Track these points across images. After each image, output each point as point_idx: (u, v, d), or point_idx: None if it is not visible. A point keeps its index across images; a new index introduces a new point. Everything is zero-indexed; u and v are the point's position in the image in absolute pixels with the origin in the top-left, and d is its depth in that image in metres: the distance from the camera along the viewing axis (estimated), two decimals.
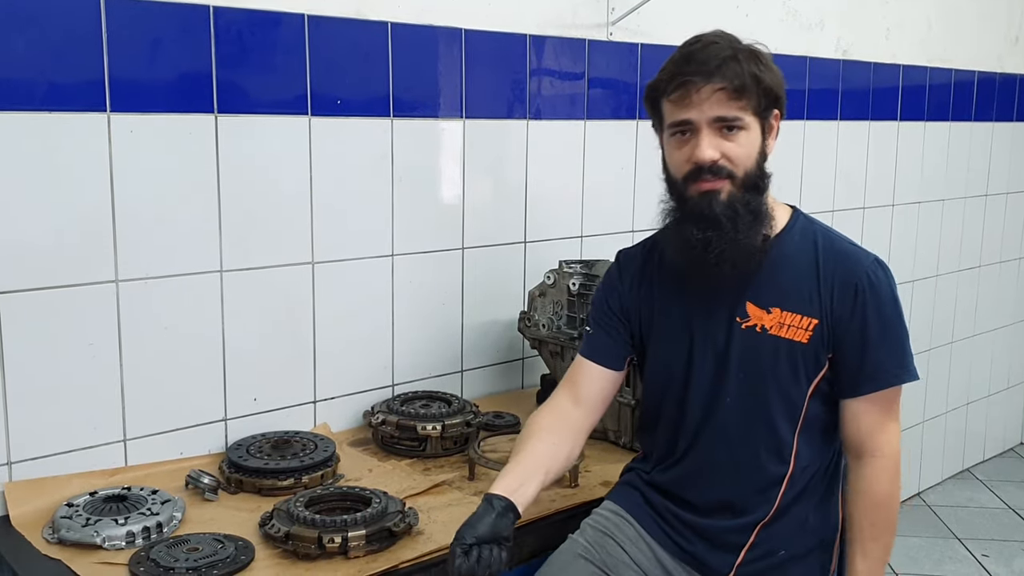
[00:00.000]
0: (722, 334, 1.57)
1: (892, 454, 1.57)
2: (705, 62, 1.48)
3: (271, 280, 1.98)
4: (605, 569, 1.62)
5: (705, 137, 1.49)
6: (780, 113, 1.55)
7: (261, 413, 2.01)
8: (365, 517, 1.59)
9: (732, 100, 1.47)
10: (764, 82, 1.49)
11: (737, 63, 1.47)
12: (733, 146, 1.49)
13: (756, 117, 1.50)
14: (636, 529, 1.65)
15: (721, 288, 1.57)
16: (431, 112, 2.18)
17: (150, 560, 1.50)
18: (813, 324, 1.53)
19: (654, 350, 1.66)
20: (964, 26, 3.69)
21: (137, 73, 1.75)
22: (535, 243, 2.44)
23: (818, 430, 1.60)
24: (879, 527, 1.57)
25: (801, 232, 1.59)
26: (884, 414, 1.56)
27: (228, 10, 1.84)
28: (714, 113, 1.48)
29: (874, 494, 1.57)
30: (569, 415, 1.66)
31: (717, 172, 1.49)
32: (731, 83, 1.46)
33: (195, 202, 1.85)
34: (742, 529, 1.60)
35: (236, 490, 1.80)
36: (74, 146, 1.70)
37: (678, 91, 1.49)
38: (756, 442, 1.58)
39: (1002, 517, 3.76)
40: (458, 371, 2.35)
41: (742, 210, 1.49)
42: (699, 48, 1.50)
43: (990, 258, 4.12)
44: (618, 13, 2.48)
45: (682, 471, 1.64)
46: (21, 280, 1.67)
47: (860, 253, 1.57)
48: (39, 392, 1.71)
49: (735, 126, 1.48)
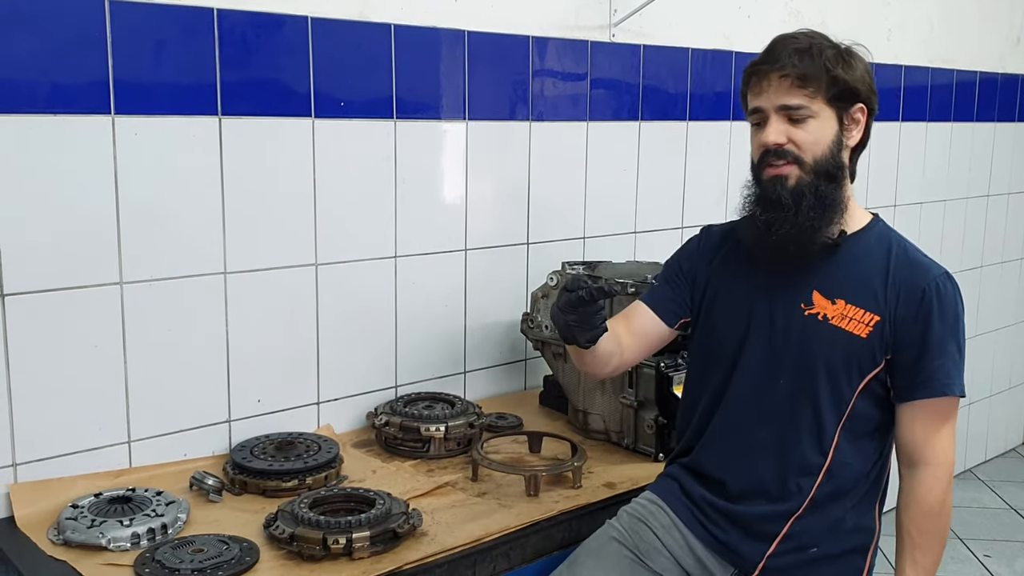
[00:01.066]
0: (783, 317, 1.62)
1: (946, 464, 1.58)
2: (776, 53, 1.57)
3: (275, 282, 1.98)
4: (637, 553, 1.66)
5: (772, 123, 1.57)
6: (867, 109, 1.60)
7: (265, 414, 2.01)
8: (369, 518, 1.59)
9: (796, 88, 1.54)
10: (834, 72, 1.54)
11: (807, 55, 1.55)
12: (800, 132, 1.56)
13: (828, 106, 1.56)
14: (670, 517, 1.69)
15: (790, 274, 1.62)
16: (434, 114, 2.19)
17: (155, 561, 1.50)
18: (875, 320, 1.57)
19: (710, 325, 1.72)
20: (966, 27, 3.69)
21: (141, 76, 1.75)
22: (538, 244, 2.44)
23: (863, 430, 1.61)
24: (930, 537, 1.59)
25: (877, 236, 1.64)
26: (938, 423, 1.58)
27: (232, 12, 1.84)
28: (779, 101, 1.56)
29: (927, 503, 1.58)
30: (619, 335, 1.71)
31: (783, 155, 1.57)
32: (795, 71, 1.54)
33: (199, 204, 1.86)
34: (776, 518, 1.62)
35: (240, 491, 1.81)
36: (79, 149, 1.70)
37: (751, 80, 1.60)
38: (799, 427, 1.61)
39: (1004, 517, 3.76)
40: (461, 372, 2.35)
41: (809, 195, 1.55)
42: (779, 40, 1.60)
43: (992, 259, 4.12)
44: (620, 15, 2.48)
45: (724, 449, 1.68)
46: (26, 282, 1.68)
47: (932, 264, 1.61)
48: (44, 394, 1.72)
49: (801, 114, 1.55)
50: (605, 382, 2.09)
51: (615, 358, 1.72)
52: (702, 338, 1.74)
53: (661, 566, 1.66)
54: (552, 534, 1.75)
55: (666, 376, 1.98)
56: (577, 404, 2.17)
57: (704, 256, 1.76)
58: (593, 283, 1.53)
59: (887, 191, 3.50)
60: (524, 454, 2.04)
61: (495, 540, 1.67)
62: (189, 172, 1.84)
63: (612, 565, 1.65)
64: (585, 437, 2.13)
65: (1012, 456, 4.45)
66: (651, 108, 2.62)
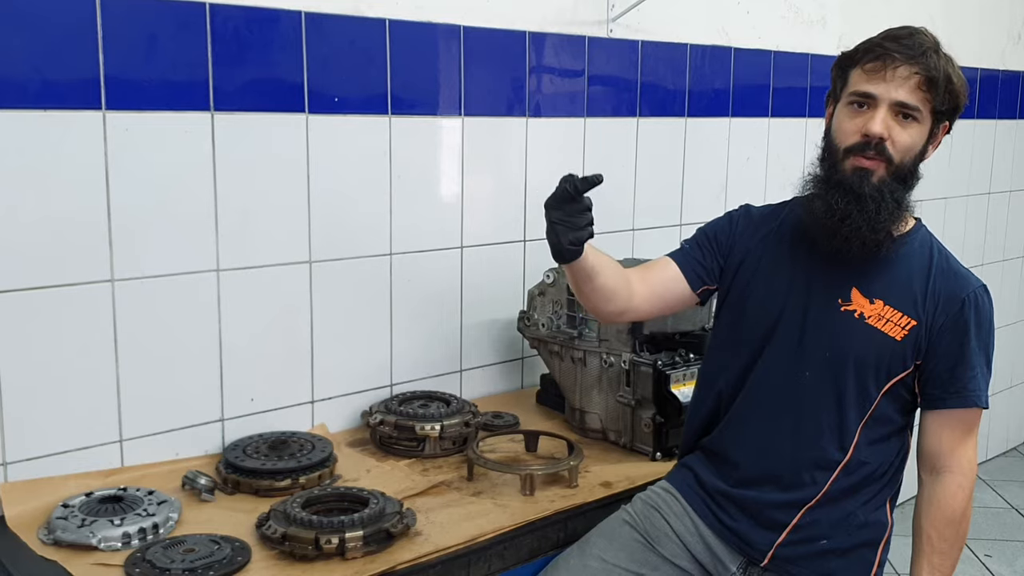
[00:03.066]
0: (818, 310, 1.61)
1: (970, 472, 1.60)
2: (910, 46, 1.52)
3: (268, 279, 1.97)
4: (647, 537, 1.68)
5: (882, 113, 1.52)
6: (949, 127, 1.59)
7: (258, 413, 1.99)
8: (363, 518, 1.58)
9: (920, 89, 1.51)
10: (953, 84, 1.53)
11: (937, 56, 1.53)
12: (903, 133, 1.53)
13: (932, 116, 1.54)
14: (682, 505, 1.71)
15: (832, 268, 1.61)
16: (430, 110, 2.17)
17: (146, 561, 1.49)
18: (911, 325, 1.57)
19: (741, 306, 1.69)
20: (967, 23, 3.67)
21: (133, 71, 1.73)
22: (534, 242, 2.42)
23: (884, 430, 1.62)
24: (949, 543, 1.60)
25: (921, 240, 1.64)
26: (965, 432, 1.60)
27: (224, 7, 1.82)
28: (900, 96, 1.52)
29: (950, 511, 1.59)
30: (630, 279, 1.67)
31: (880, 151, 1.53)
32: (927, 72, 1.50)
33: (191, 201, 1.84)
34: (787, 507, 1.62)
35: (233, 491, 1.79)
36: (69, 144, 1.68)
37: (874, 62, 1.53)
38: (822, 421, 1.61)
39: (1005, 517, 3.75)
40: (457, 371, 2.33)
41: (888, 196, 1.53)
42: (905, 33, 1.56)
43: (993, 256, 4.10)
44: (618, 10, 2.47)
45: (742, 432, 1.68)
46: (16, 279, 1.66)
47: (971, 276, 1.63)
48: (34, 392, 1.70)
49: (912, 115, 1.53)
50: (602, 381, 2.08)
51: (620, 297, 1.64)
52: (731, 318, 1.72)
53: (670, 552, 1.68)
54: (548, 534, 1.73)
55: (664, 375, 1.96)
56: (574, 403, 2.15)
57: (744, 233, 1.72)
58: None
59: None
60: (520, 453, 2.02)
61: (490, 540, 1.65)
62: (181, 168, 1.82)
63: (621, 546, 1.67)
64: (582, 436, 2.11)
65: (1013, 455, 4.44)
66: (649, 104, 2.61)
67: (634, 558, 1.66)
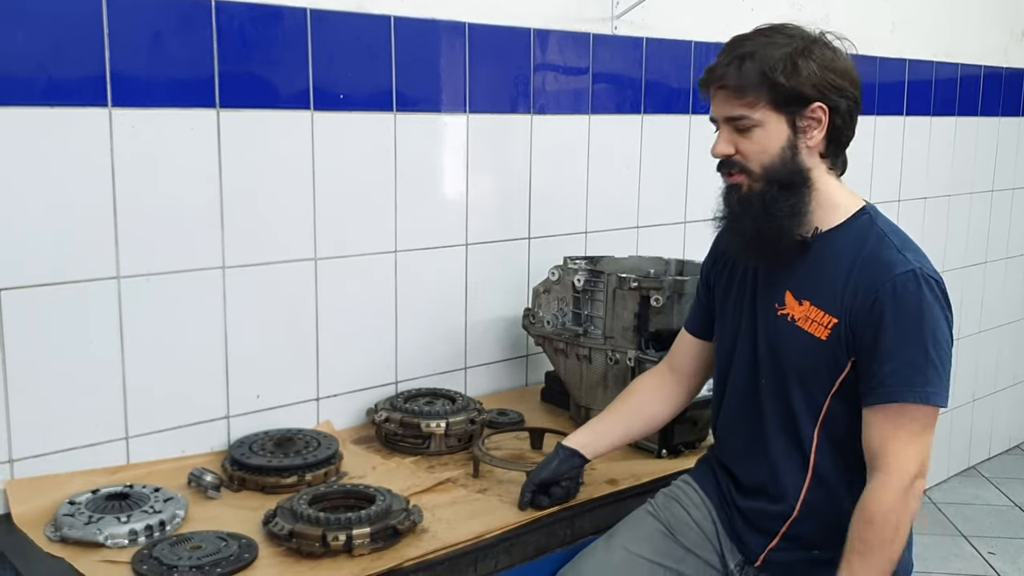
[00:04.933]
0: (762, 318, 1.62)
1: (901, 473, 1.46)
2: (715, 63, 1.55)
3: (274, 276, 1.97)
4: (668, 527, 1.72)
5: (721, 134, 1.57)
6: (828, 106, 1.52)
7: (264, 410, 1.99)
8: (369, 515, 1.58)
9: (735, 99, 1.52)
10: (774, 79, 1.49)
11: (748, 61, 1.50)
12: (745, 142, 1.54)
13: (776, 112, 1.51)
14: (700, 496, 1.74)
15: (769, 275, 1.62)
16: (434, 107, 2.17)
17: (153, 558, 1.48)
18: (833, 323, 1.52)
19: (716, 327, 1.75)
20: (970, 20, 3.67)
21: (139, 68, 1.73)
22: (539, 239, 2.42)
23: (844, 433, 1.55)
24: (869, 546, 1.47)
25: (857, 230, 1.56)
26: (895, 431, 1.47)
27: (230, 4, 1.82)
28: (722, 112, 1.55)
29: (870, 510, 1.47)
30: (663, 380, 1.84)
31: (730, 167, 1.57)
32: (731, 82, 1.52)
33: (197, 198, 1.84)
34: (775, 517, 1.62)
35: (239, 488, 1.79)
36: (75, 142, 1.68)
37: (701, 91, 1.60)
38: (782, 431, 1.60)
39: (1008, 514, 3.75)
40: (462, 368, 2.33)
41: (756, 203, 1.54)
42: (726, 44, 1.57)
43: (996, 254, 4.10)
44: (623, 7, 2.46)
45: (730, 446, 1.72)
46: (22, 276, 1.66)
47: (899, 261, 1.50)
48: (41, 389, 1.70)
49: (744, 124, 1.53)
50: (607, 378, 2.08)
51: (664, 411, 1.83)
52: (715, 337, 1.77)
53: (691, 541, 1.70)
54: (554, 531, 1.73)
55: None
56: (579, 400, 2.15)
57: (713, 262, 1.78)
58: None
59: (891, 186, 3.48)
60: (526, 450, 2.02)
61: (496, 537, 1.65)
62: (187, 165, 1.82)
63: (645, 536, 1.70)
64: None
65: (1016, 453, 4.44)
66: (653, 101, 2.61)
67: (657, 549, 1.68)
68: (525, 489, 1.72)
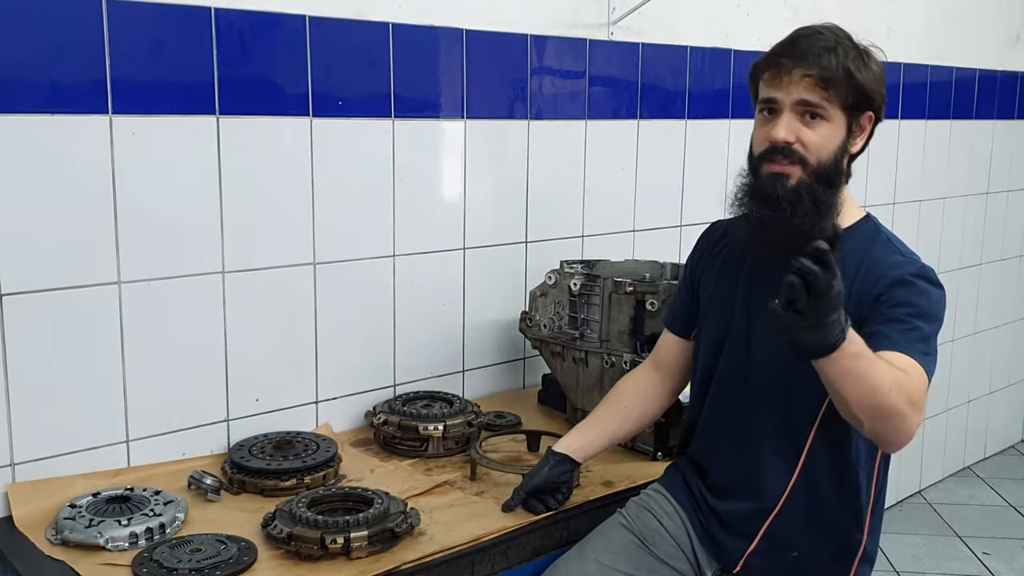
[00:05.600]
0: (758, 317, 1.62)
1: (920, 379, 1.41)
2: (802, 48, 1.53)
3: (273, 281, 1.98)
4: (642, 539, 1.71)
5: (785, 118, 1.53)
6: (875, 117, 1.57)
7: (263, 414, 2.01)
8: (367, 518, 1.59)
9: (819, 88, 1.51)
10: (856, 79, 1.51)
11: (834, 55, 1.51)
12: (811, 133, 1.53)
13: (842, 112, 1.53)
14: (673, 505, 1.74)
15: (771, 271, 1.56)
16: (432, 112, 2.19)
17: (153, 561, 1.50)
18: None
19: (704, 321, 1.74)
20: (965, 24, 3.68)
21: (139, 75, 1.75)
22: (536, 243, 2.44)
23: (841, 432, 1.57)
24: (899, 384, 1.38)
25: (863, 235, 1.60)
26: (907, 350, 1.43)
27: (229, 12, 1.84)
28: (799, 96, 1.52)
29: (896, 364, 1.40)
30: (648, 379, 1.85)
31: (789, 155, 1.53)
32: (820, 72, 1.50)
33: (197, 204, 1.86)
34: (755, 516, 1.62)
35: (238, 491, 1.81)
36: (77, 148, 1.70)
37: (770, 70, 1.55)
38: (772, 425, 1.61)
39: (1003, 515, 3.77)
40: (459, 371, 2.35)
41: (806, 197, 1.52)
42: (803, 35, 1.55)
43: (991, 256, 4.12)
44: (619, 13, 2.48)
45: (709, 442, 1.72)
46: (24, 282, 1.68)
47: (904, 262, 1.55)
48: (42, 393, 1.72)
49: (817, 114, 1.52)
50: (603, 380, 2.09)
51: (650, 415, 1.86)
52: (699, 334, 1.77)
53: (665, 552, 1.70)
54: (550, 533, 1.75)
55: None
56: (575, 402, 2.17)
57: (700, 257, 1.78)
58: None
59: (886, 189, 3.50)
60: (523, 453, 2.03)
61: (493, 539, 1.67)
62: (187, 171, 1.84)
63: (618, 548, 1.69)
64: None
65: (1011, 453, 4.46)
66: (650, 106, 2.62)
67: (631, 560, 1.68)
68: (516, 496, 1.74)
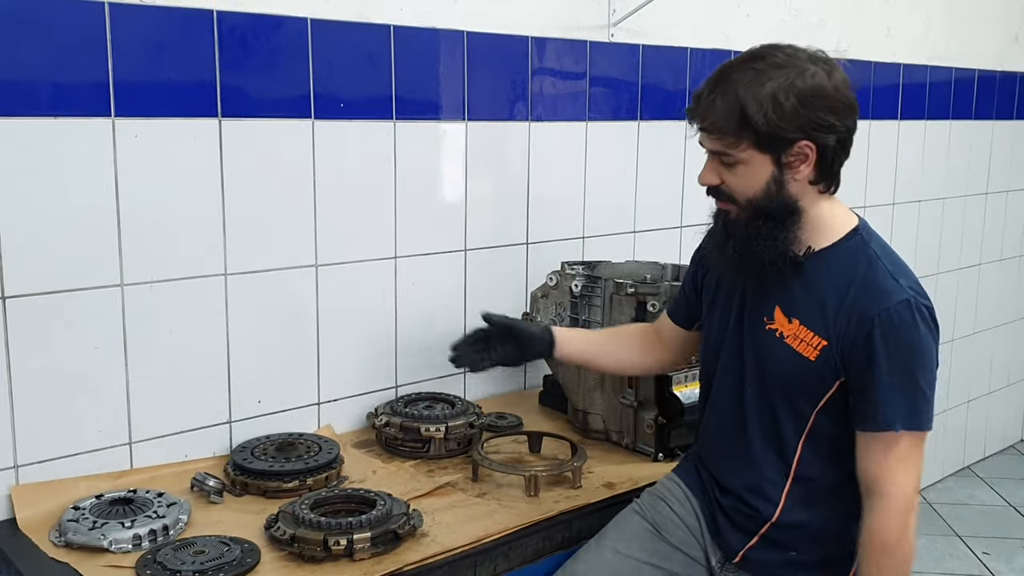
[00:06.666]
0: (750, 329, 1.63)
1: (900, 495, 1.49)
2: (698, 98, 1.52)
3: (275, 283, 1.99)
4: (655, 525, 1.74)
5: (708, 163, 1.57)
6: (816, 144, 1.47)
7: (265, 415, 2.02)
8: (370, 519, 1.60)
9: (719, 136, 1.50)
10: (753, 124, 1.44)
11: (724, 103, 1.46)
12: (730, 176, 1.54)
13: (760, 152, 1.48)
14: (685, 493, 1.76)
15: (762, 287, 1.61)
16: (434, 114, 2.19)
17: (157, 563, 1.51)
18: (822, 345, 1.52)
19: (705, 324, 1.77)
20: (964, 25, 3.69)
21: (141, 78, 1.75)
22: (537, 244, 2.45)
23: (829, 444, 1.58)
24: (886, 572, 1.50)
25: (850, 251, 1.55)
26: (890, 456, 1.49)
27: (231, 14, 1.84)
28: (708, 146, 1.55)
29: (880, 536, 1.49)
30: (654, 337, 1.91)
31: (719, 195, 1.58)
32: (710, 125, 1.50)
33: (199, 206, 1.86)
34: (755, 518, 1.64)
35: (241, 492, 1.81)
36: (79, 151, 1.70)
37: (687, 120, 1.58)
38: (765, 438, 1.62)
39: (1003, 514, 3.78)
40: (460, 372, 2.35)
41: (740, 231, 1.54)
42: (710, 80, 1.52)
43: (990, 256, 4.12)
44: (619, 15, 2.49)
45: (711, 448, 1.74)
46: (27, 284, 1.68)
47: (894, 289, 1.49)
48: (45, 395, 1.72)
49: (729, 160, 1.52)
50: (604, 382, 2.10)
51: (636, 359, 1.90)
52: (702, 339, 1.79)
53: (678, 539, 1.72)
54: (552, 534, 1.76)
55: (666, 376, 1.99)
56: (577, 404, 2.17)
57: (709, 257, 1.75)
58: None
59: (886, 189, 3.51)
60: (524, 454, 2.04)
61: (495, 540, 1.67)
62: (189, 174, 1.84)
63: (633, 536, 1.72)
64: (585, 437, 2.13)
65: (1011, 453, 4.46)
66: (650, 108, 2.63)
67: (645, 548, 1.71)
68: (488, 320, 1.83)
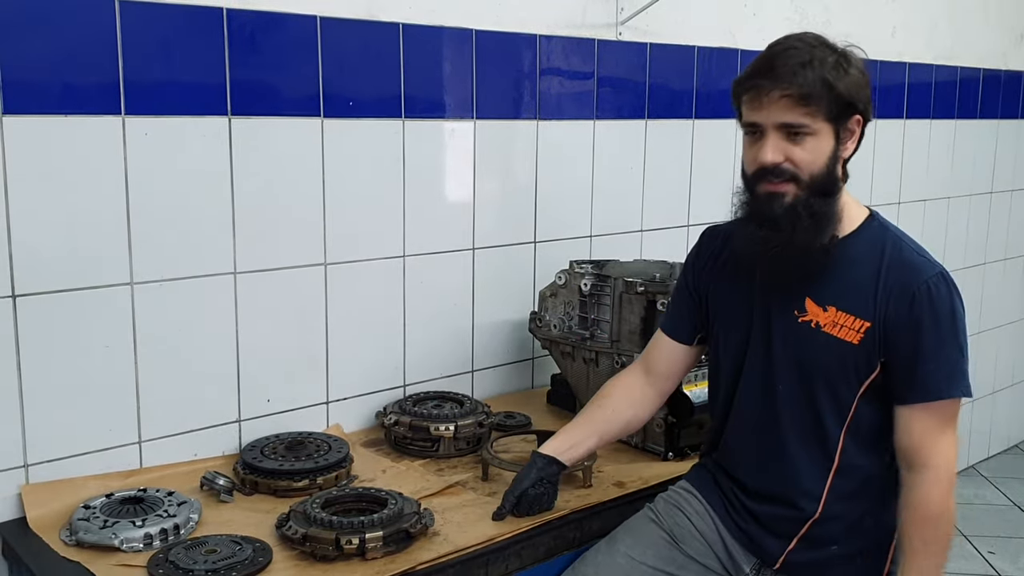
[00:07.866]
0: (779, 325, 1.62)
1: (945, 466, 1.54)
2: (776, 67, 1.50)
3: (284, 282, 1.98)
4: (671, 536, 1.72)
5: (770, 140, 1.52)
6: (863, 119, 1.55)
7: (275, 414, 2.01)
8: (382, 518, 1.59)
9: (799, 106, 1.49)
10: (837, 89, 1.48)
11: (810, 69, 1.48)
12: (799, 151, 1.51)
13: (828, 123, 1.51)
14: (703, 504, 1.74)
15: (785, 281, 1.60)
16: (442, 113, 2.19)
17: (169, 562, 1.50)
18: (865, 327, 1.55)
19: (717, 332, 1.73)
20: (970, 24, 3.69)
21: (151, 76, 1.75)
22: (545, 243, 2.44)
23: (870, 431, 1.60)
24: (932, 544, 1.56)
25: (871, 237, 1.60)
26: (936, 426, 1.54)
27: (241, 12, 1.84)
28: (780, 119, 1.51)
29: (926, 509, 1.54)
30: (636, 383, 1.82)
31: (780, 175, 1.52)
32: (798, 90, 1.48)
33: (209, 204, 1.86)
34: (793, 521, 1.64)
35: (251, 491, 1.81)
36: (89, 149, 1.70)
37: (748, 93, 1.54)
38: (802, 432, 1.62)
39: (1008, 514, 3.77)
40: (469, 371, 2.35)
41: (804, 213, 1.52)
42: (778, 51, 1.52)
43: (995, 255, 4.12)
44: (627, 13, 2.48)
45: (738, 454, 1.71)
46: (37, 283, 1.68)
47: (925, 264, 1.56)
48: (55, 394, 1.72)
49: (801, 132, 1.50)
50: None
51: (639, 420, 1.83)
52: (713, 345, 1.76)
53: (695, 550, 1.71)
54: (563, 533, 1.75)
55: None
56: (585, 402, 2.16)
57: (704, 264, 1.76)
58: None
59: (891, 188, 3.50)
60: None
61: (507, 540, 1.67)
62: (199, 172, 1.84)
63: (648, 544, 1.70)
64: None
65: (1015, 452, 4.46)
66: (657, 106, 2.63)
67: (660, 556, 1.69)
68: (505, 501, 1.71)
